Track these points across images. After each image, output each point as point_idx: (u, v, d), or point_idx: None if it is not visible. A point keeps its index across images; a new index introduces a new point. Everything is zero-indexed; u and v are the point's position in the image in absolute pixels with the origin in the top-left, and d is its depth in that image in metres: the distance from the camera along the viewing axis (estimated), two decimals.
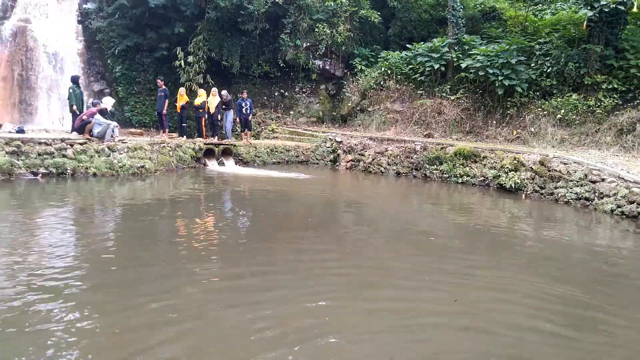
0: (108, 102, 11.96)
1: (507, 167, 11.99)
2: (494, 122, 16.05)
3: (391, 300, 4.36)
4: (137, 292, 4.13)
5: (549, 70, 15.41)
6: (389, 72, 19.00)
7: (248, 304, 4.02)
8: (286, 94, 22.33)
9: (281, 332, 3.53)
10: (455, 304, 4.25)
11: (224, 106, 15.31)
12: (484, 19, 20.00)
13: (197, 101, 14.95)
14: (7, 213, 6.77)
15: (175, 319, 3.64)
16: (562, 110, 14.42)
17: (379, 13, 20.52)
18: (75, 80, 13.00)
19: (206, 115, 15.21)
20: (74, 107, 12.21)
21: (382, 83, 19.10)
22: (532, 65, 15.80)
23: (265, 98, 22.36)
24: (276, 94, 22.48)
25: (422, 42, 18.79)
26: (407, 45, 19.36)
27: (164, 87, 14.81)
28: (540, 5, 20.10)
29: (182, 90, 15.22)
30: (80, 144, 10.63)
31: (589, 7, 14.24)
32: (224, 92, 15.57)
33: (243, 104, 15.92)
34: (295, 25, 20.71)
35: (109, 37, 20.93)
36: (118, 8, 20.26)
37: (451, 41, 17.56)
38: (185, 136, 14.79)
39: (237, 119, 16.63)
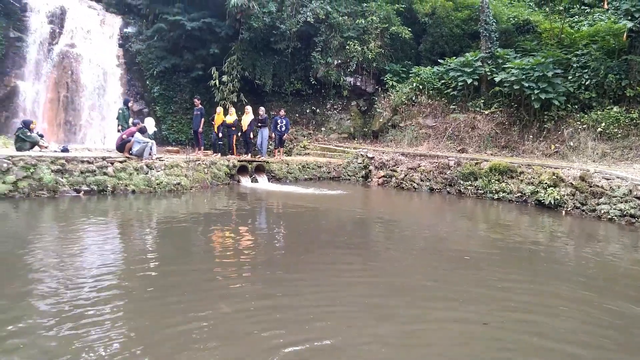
0: (150, 124, 12.38)
1: (546, 183, 11.63)
2: (531, 136, 15.66)
3: (425, 321, 4.26)
4: (170, 307, 4.20)
5: (587, 83, 14.97)
6: (421, 87, 18.92)
7: (278, 322, 4.02)
8: (317, 110, 22.55)
9: (310, 352, 3.50)
10: (486, 327, 4.12)
11: (259, 124, 15.58)
12: (518, 32, 19.69)
13: (229, 119, 15.28)
14: (52, 228, 7.07)
15: (206, 336, 3.68)
16: (603, 124, 13.93)
17: (409, 29, 20.56)
18: (126, 102, 14.21)
19: (239, 133, 15.53)
20: (120, 127, 12.90)
21: (413, 98, 19.03)
22: (570, 77, 15.41)
23: (297, 115, 22.65)
24: (308, 110, 22.74)
25: (454, 57, 18.67)
26: (439, 60, 19.28)
27: (200, 106, 15.26)
28: (577, 17, 19.66)
29: (219, 109, 15.63)
30: (120, 162, 11.02)
31: (629, 18, 13.82)
32: (261, 109, 15.86)
33: (279, 121, 16.21)
34: (326, 43, 21.00)
35: (148, 59, 21.84)
36: (156, 31, 21.14)
37: (484, 55, 17.37)
38: (219, 153, 15.11)
39: (273, 136, 16.89)
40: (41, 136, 11.67)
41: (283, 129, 16.32)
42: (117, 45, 22.11)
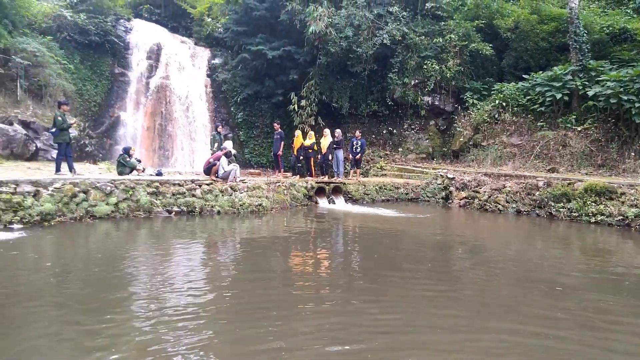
0: (228, 145, 13.06)
1: None
2: (632, 153, 14.26)
3: (515, 354, 3.97)
4: (250, 325, 4.32)
5: None
6: (504, 104, 18.11)
7: (355, 344, 3.97)
8: (394, 131, 22.40)
9: None
10: None
11: (335, 145, 15.82)
12: (613, 42, 18.23)
13: (308, 142, 15.66)
14: (147, 246, 7.66)
15: (285, 355, 3.72)
16: None
17: (490, 45, 19.86)
18: (216, 128, 16.04)
19: (318, 155, 15.88)
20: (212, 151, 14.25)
21: (496, 116, 18.24)
22: None
23: (373, 136, 22.67)
24: (384, 131, 22.67)
25: (540, 72, 17.69)
26: (524, 75, 18.37)
27: (279, 130, 15.86)
28: None
29: (297, 132, 16.14)
30: (207, 184, 11.71)
31: None
32: (337, 131, 16.12)
33: (354, 142, 16.38)
34: (403, 64, 20.95)
35: (233, 87, 23.26)
36: (240, 61, 22.48)
37: (575, 68, 16.27)
38: (298, 175, 15.51)
39: (349, 157, 17.02)
40: (139, 161, 12.79)
41: (358, 150, 16.42)
42: (205, 75, 23.86)
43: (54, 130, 10.93)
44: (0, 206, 8.33)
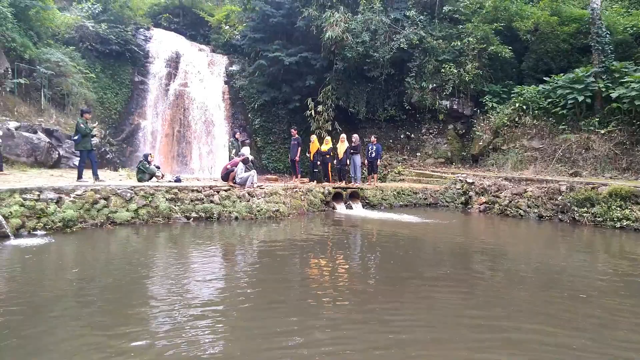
0: (246, 152, 13.13)
1: None
2: None
3: None
4: (267, 331, 4.29)
5: None
6: (525, 107, 17.81)
7: (372, 351, 3.90)
8: (412, 135, 22.23)
9: None
10: None
11: (352, 150, 15.77)
12: (638, 43, 17.79)
13: (324, 147, 15.65)
14: (166, 251, 7.71)
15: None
16: None
17: (510, 47, 19.58)
18: (234, 134, 16.04)
19: (334, 161, 15.84)
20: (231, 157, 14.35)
21: (516, 119, 17.94)
22: None
23: (390, 141, 22.55)
24: (402, 136, 22.53)
25: (561, 74, 17.35)
26: (544, 78, 18.04)
27: (296, 135, 15.90)
28: None
29: (313, 137, 16.13)
30: (225, 190, 11.78)
31: None
32: (354, 136, 16.07)
33: (370, 147, 16.31)
34: (420, 68, 20.81)
35: (250, 93, 23.43)
36: (257, 68, 22.65)
37: (597, 70, 15.92)
38: (315, 181, 15.49)
39: (365, 162, 16.94)
40: (158, 168, 12.95)
41: (373, 155, 16.33)
42: (223, 82, 24.11)
43: (76, 137, 11.15)
44: (24, 213, 8.51)
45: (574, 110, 16.48)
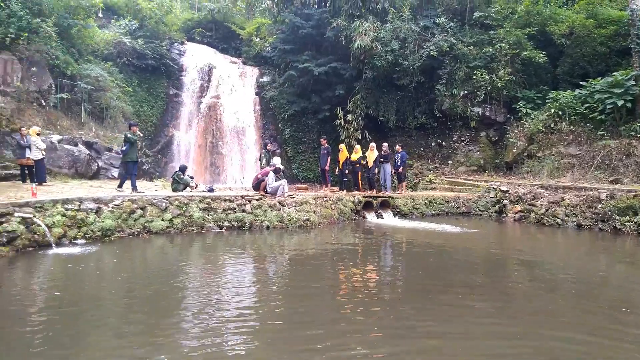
0: (277, 162, 13.28)
1: None
2: None
3: None
4: (299, 340, 4.31)
5: None
6: (560, 113, 17.30)
7: (406, 354, 3.87)
8: (443, 143, 21.94)
9: None
10: None
11: (382, 159, 15.71)
12: None
13: (354, 157, 15.64)
14: (200, 260, 7.88)
15: None
16: None
17: (544, 52, 19.12)
18: (265, 145, 16.33)
19: (363, 170, 15.83)
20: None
21: (552, 125, 17.44)
22: None
23: (421, 149, 22.32)
24: (433, 144, 22.27)
25: (599, 78, 16.78)
26: (581, 82, 17.49)
27: (326, 145, 15.97)
28: None
29: (341, 146, 16.17)
30: (257, 199, 11.94)
31: None
32: (384, 145, 16.02)
33: (396, 157, 16.27)
34: (451, 75, 20.57)
35: (280, 104, 23.74)
36: (287, 78, 22.95)
37: (638, 73, 15.35)
38: (345, 190, 15.48)
39: (393, 171, 16.85)
40: (191, 178, 13.26)
41: (398, 163, 16.26)
42: (254, 93, 24.55)
43: (124, 148, 11.65)
44: (66, 222, 8.87)
45: (613, 115, 15.90)
